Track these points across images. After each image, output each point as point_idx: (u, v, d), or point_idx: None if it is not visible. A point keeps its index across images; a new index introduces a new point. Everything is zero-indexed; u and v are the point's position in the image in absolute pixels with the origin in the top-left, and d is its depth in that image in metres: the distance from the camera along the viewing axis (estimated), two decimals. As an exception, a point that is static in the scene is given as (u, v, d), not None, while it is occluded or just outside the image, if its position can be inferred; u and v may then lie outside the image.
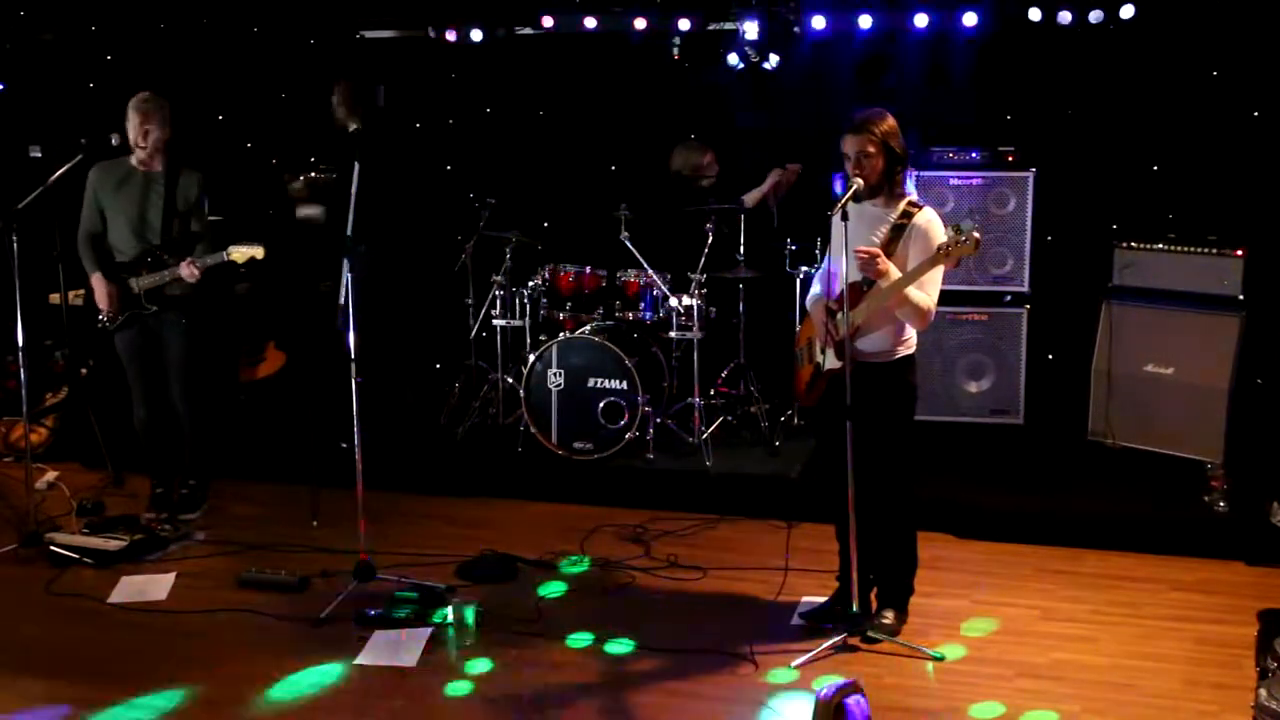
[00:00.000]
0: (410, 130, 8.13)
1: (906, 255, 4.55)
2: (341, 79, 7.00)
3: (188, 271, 5.74)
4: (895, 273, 4.50)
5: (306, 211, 7.02)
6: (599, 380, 6.59)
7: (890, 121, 4.58)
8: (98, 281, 5.92)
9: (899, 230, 4.58)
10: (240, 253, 5.71)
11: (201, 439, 6.15)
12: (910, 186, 4.70)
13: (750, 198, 7.11)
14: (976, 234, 4.38)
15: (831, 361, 4.68)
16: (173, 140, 5.90)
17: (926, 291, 4.53)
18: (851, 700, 3.84)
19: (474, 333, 7.26)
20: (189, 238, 5.88)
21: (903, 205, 4.61)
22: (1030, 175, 6.75)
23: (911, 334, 4.70)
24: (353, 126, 6.93)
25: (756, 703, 4.33)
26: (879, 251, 4.50)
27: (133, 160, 5.88)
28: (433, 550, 5.73)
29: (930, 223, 4.57)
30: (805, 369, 4.95)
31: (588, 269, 6.97)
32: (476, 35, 7.49)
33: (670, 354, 6.92)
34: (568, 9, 7.39)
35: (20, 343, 5.76)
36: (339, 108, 6.95)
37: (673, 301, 6.71)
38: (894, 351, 4.67)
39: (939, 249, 4.42)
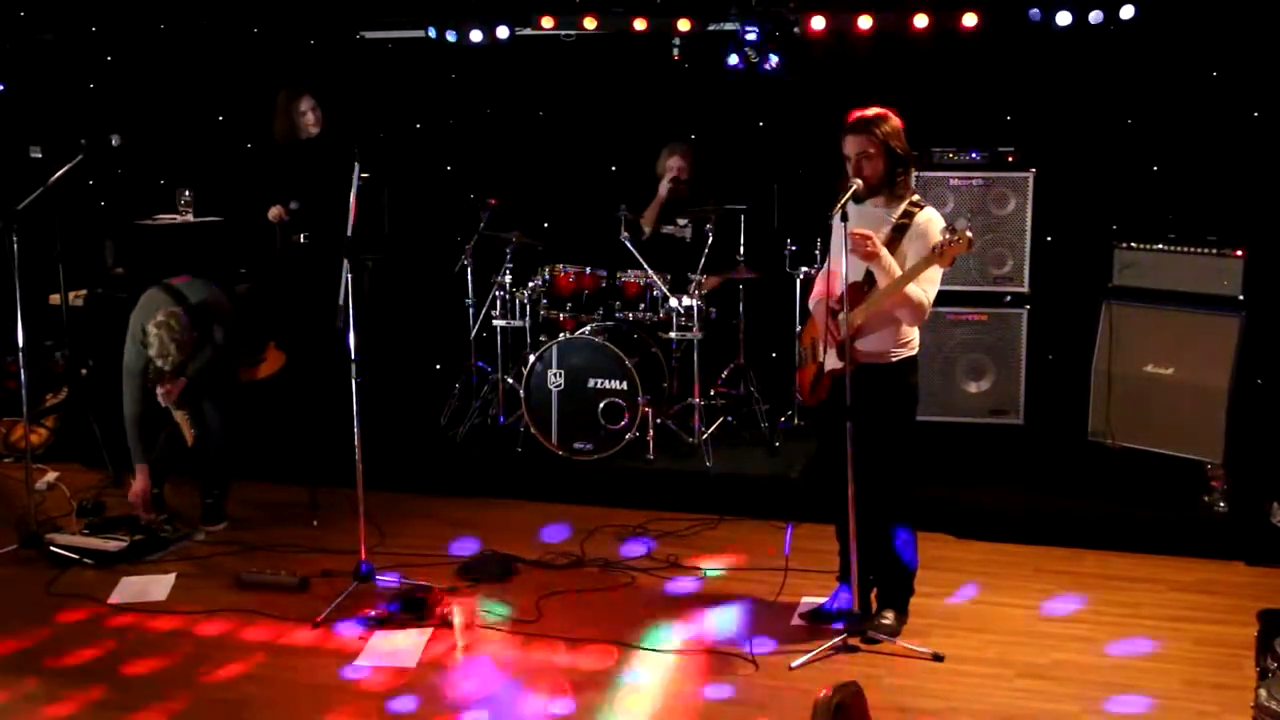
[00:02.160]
0: (410, 131, 8.13)
1: (906, 254, 4.56)
2: (300, 87, 7.01)
3: (160, 392, 5.78)
4: (893, 266, 4.51)
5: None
6: (599, 381, 6.59)
7: (893, 123, 4.58)
8: (140, 477, 5.92)
9: (901, 230, 4.58)
10: (182, 418, 5.87)
11: (229, 449, 6.14)
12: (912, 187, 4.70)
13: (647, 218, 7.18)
14: (969, 234, 4.40)
15: (833, 361, 4.68)
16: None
17: (923, 288, 4.53)
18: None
19: (474, 333, 7.26)
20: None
21: (904, 205, 4.61)
22: (1030, 175, 6.74)
23: (913, 335, 4.71)
24: (315, 132, 6.94)
25: (757, 703, 4.33)
26: (871, 235, 4.50)
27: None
28: (433, 550, 5.74)
29: (930, 221, 4.58)
30: (809, 368, 4.96)
31: (587, 269, 6.97)
32: (476, 36, 7.49)
33: (670, 354, 6.92)
34: (568, 9, 7.38)
35: (20, 343, 5.76)
36: (304, 115, 6.94)
37: (673, 302, 6.71)
38: (895, 353, 4.68)
39: (933, 248, 4.44)
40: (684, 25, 7.15)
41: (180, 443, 6.07)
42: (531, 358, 6.72)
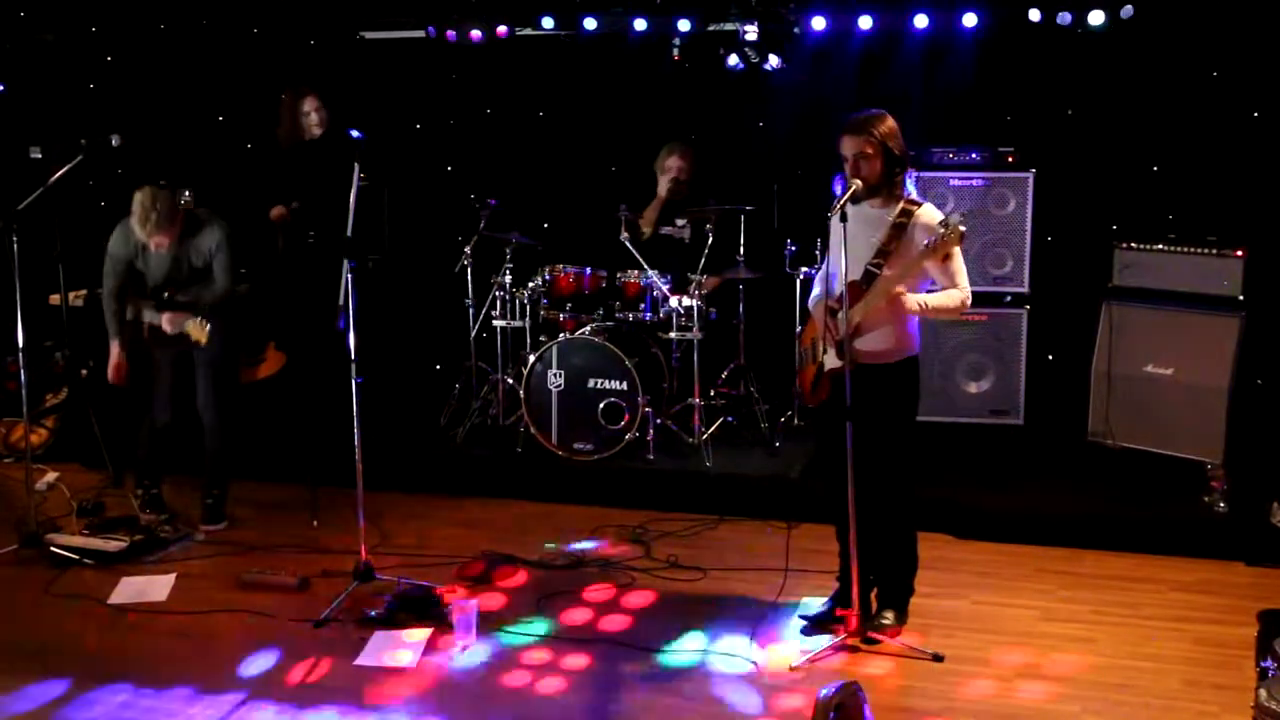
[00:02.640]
0: (410, 131, 8.14)
1: (912, 252, 4.56)
2: (302, 87, 7.07)
3: (164, 321, 5.80)
4: (925, 301, 4.57)
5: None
6: (599, 381, 6.59)
7: (889, 123, 4.58)
8: (114, 351, 5.93)
9: (899, 229, 4.59)
10: (196, 328, 5.73)
11: (228, 449, 6.14)
12: (910, 187, 4.71)
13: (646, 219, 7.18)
14: (962, 227, 4.42)
15: (833, 361, 4.68)
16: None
17: (958, 284, 4.57)
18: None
19: (474, 334, 7.26)
20: (205, 279, 5.85)
21: (901, 204, 4.62)
22: (1030, 175, 6.75)
23: (915, 334, 4.71)
24: (319, 133, 6.98)
25: (757, 703, 4.33)
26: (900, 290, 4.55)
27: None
28: (433, 550, 5.74)
29: (932, 218, 4.58)
30: (809, 369, 4.96)
31: (588, 270, 6.97)
32: (476, 36, 7.49)
33: (670, 355, 6.92)
34: (568, 9, 7.38)
35: (20, 343, 5.76)
36: (308, 116, 7.01)
37: (673, 302, 6.71)
38: (897, 352, 4.68)
39: (926, 245, 4.45)
40: (684, 25, 7.16)
41: (167, 436, 6.06)
42: (531, 358, 6.72)
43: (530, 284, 7.00)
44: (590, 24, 7.32)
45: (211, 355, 5.96)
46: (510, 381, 7.10)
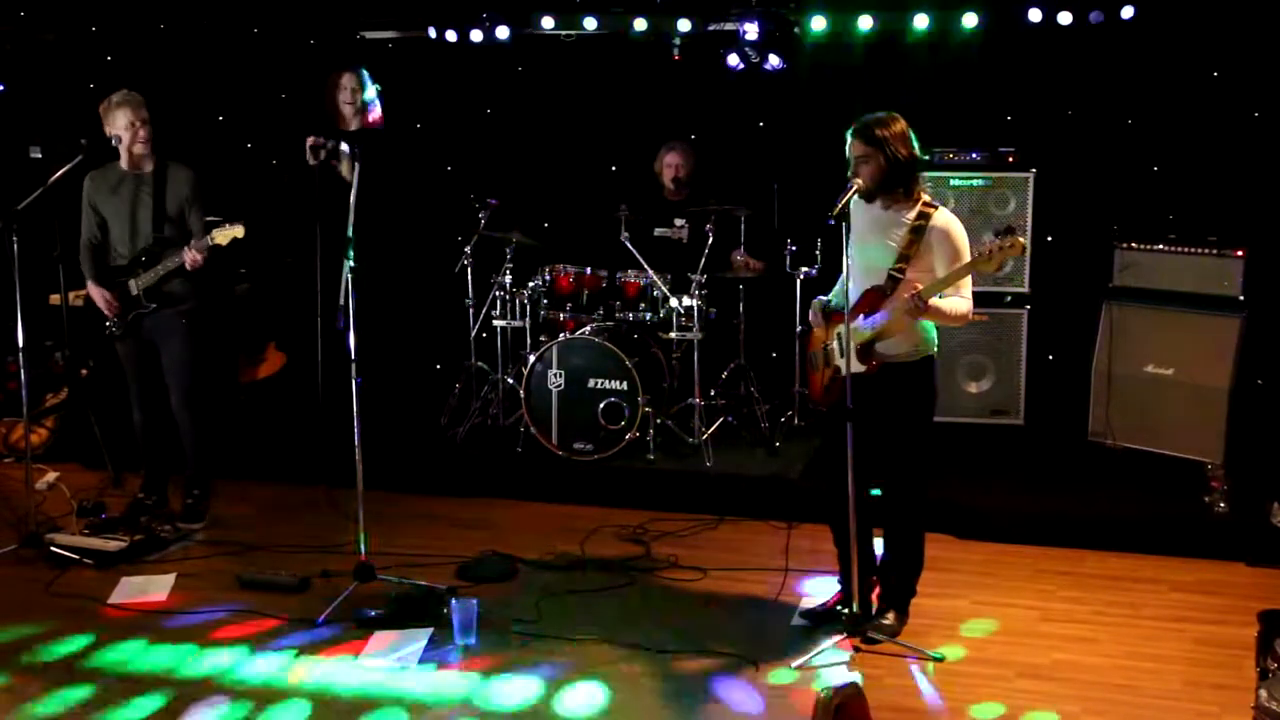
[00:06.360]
0: (411, 130, 8.13)
1: (931, 257, 4.55)
2: (346, 67, 7.06)
3: (190, 258, 5.69)
4: (943, 306, 4.51)
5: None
6: (599, 381, 6.59)
7: (896, 126, 4.55)
8: (93, 289, 5.90)
9: (918, 232, 4.57)
10: (223, 235, 5.65)
11: (205, 448, 6.12)
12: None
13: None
14: (1022, 239, 4.36)
15: (856, 366, 4.65)
16: (159, 137, 5.90)
17: (963, 294, 4.55)
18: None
19: (474, 333, 7.26)
20: (185, 234, 5.84)
21: (918, 207, 4.60)
22: (1030, 176, 6.75)
23: (933, 334, 4.70)
24: (355, 125, 6.96)
25: (757, 703, 4.33)
26: (917, 289, 4.47)
27: (122, 164, 5.86)
28: (433, 550, 5.74)
29: (949, 223, 4.57)
30: (822, 373, 4.91)
31: (588, 269, 6.97)
32: (476, 36, 7.49)
33: (670, 355, 6.92)
34: (568, 10, 7.39)
35: (20, 343, 5.76)
36: (346, 104, 7.00)
37: (673, 302, 6.71)
38: (916, 352, 4.67)
39: (985, 248, 4.37)
40: (684, 25, 7.16)
41: (152, 435, 6.05)
42: (531, 358, 6.72)
43: (530, 284, 7.01)
44: (590, 24, 7.32)
45: (175, 357, 5.92)
46: (510, 381, 7.10)
